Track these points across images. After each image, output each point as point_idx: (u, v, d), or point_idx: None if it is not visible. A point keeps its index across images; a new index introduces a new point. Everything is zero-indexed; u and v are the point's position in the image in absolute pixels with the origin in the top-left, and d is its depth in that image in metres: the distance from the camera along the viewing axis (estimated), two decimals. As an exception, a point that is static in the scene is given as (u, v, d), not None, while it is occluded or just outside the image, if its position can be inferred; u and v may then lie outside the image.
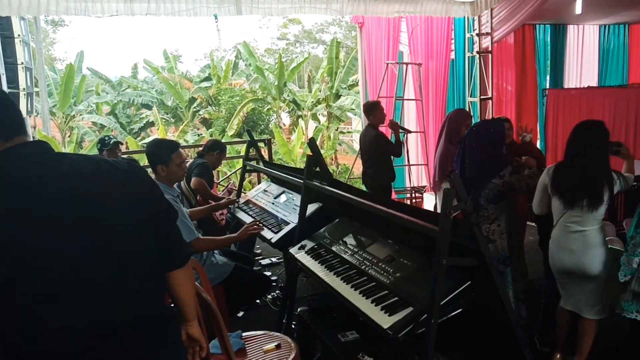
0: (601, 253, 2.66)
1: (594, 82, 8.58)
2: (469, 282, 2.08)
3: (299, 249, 2.95)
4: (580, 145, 2.68)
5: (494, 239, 2.96)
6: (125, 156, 5.52)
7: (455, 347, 2.42)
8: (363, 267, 2.48)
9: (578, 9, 6.30)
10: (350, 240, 2.80)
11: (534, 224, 3.98)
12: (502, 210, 2.97)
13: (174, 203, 3.00)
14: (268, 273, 4.67)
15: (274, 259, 5.08)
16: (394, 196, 7.09)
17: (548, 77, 8.38)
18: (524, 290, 3.21)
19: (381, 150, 4.90)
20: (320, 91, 14.94)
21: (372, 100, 5.90)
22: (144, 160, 5.26)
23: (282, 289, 4.08)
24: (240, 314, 3.82)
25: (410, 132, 6.03)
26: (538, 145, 7.45)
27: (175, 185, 3.34)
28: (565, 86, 8.34)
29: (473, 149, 3.00)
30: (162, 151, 2.99)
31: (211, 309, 2.13)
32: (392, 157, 5.12)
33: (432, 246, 1.97)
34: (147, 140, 14.14)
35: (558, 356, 2.91)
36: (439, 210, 2.71)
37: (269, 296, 4.05)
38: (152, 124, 15.76)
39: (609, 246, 2.78)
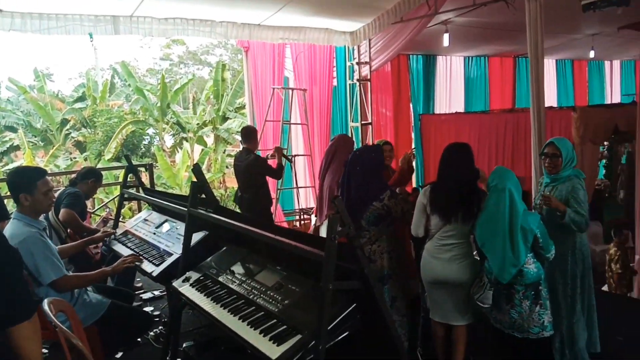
0: (470, 263, 2.90)
1: (461, 108, 9.44)
2: (354, 305, 2.12)
3: (183, 281, 2.80)
4: (452, 166, 2.92)
5: (375, 259, 3.10)
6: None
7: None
8: (251, 296, 2.42)
9: (445, 41, 6.92)
10: (238, 269, 2.72)
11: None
12: (383, 231, 3.11)
13: (38, 238, 2.71)
14: (150, 308, 4.39)
15: (156, 293, 4.79)
16: (282, 218, 7.12)
17: (421, 103, 9.04)
18: (408, 305, 3.35)
19: (259, 173, 4.89)
20: (205, 113, 14.65)
21: (250, 125, 5.99)
22: (5, 189, 4.71)
23: (165, 325, 3.85)
24: (119, 354, 3.52)
25: (291, 160, 6.10)
26: (414, 165, 7.95)
27: (42, 217, 3.02)
28: (437, 111, 9.07)
29: (356, 173, 3.10)
30: (26, 179, 2.73)
31: (83, 354, 1.93)
32: (267, 180, 5.10)
33: (318, 271, 1.98)
34: (12, 166, 12.77)
35: None
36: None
37: (151, 333, 3.80)
38: (17, 147, 14.26)
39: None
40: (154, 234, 3.67)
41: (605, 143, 8.69)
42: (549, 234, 2.74)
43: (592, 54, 9.43)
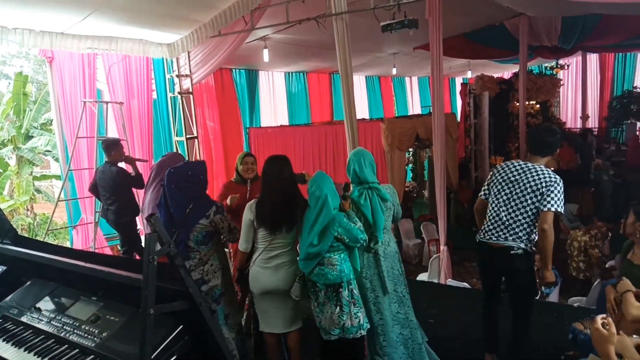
0: (295, 269, 3.01)
1: (285, 121, 9.81)
2: (182, 326, 2.04)
3: (-25, 327, 2.39)
4: (272, 179, 3.00)
5: (209, 279, 3.02)
6: None
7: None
8: (63, 333, 2.16)
9: (265, 57, 7.13)
10: (45, 305, 2.41)
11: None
12: (213, 249, 3.04)
13: None
14: None
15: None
16: (104, 243, 6.56)
17: (248, 116, 9.17)
18: (239, 321, 3.34)
19: (124, 184, 5.07)
20: (3, 131, 12.77)
21: (111, 137, 5.86)
22: None
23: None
24: None
25: (146, 160, 6.29)
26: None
27: None
28: (263, 124, 9.29)
29: (175, 192, 2.99)
30: None
31: None
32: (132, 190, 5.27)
33: (140, 296, 1.85)
34: None
35: None
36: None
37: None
38: None
39: None
40: None
41: (410, 149, 9.83)
42: None
43: (394, 71, 10.60)
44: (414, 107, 13.52)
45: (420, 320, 3.45)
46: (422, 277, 6.15)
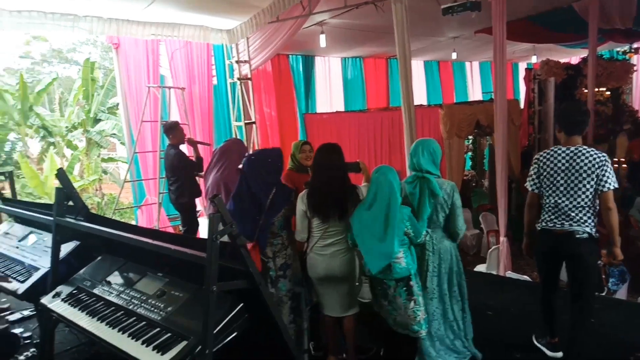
0: (351, 257, 3.02)
1: (341, 107, 9.78)
2: (242, 305, 2.11)
3: (54, 297, 2.58)
4: (325, 166, 3.01)
5: (291, 263, 3.05)
6: None
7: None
8: (131, 306, 2.30)
9: (322, 42, 7.12)
10: (115, 279, 2.56)
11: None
12: (290, 234, 3.10)
13: None
14: (18, 330, 3.96)
15: (25, 312, 4.33)
16: (166, 223, 6.83)
17: (304, 102, 9.22)
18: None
19: (181, 167, 5.17)
20: (73, 115, 13.50)
21: (171, 120, 5.96)
22: None
23: (37, 346, 3.51)
24: (-19, 386, 3.14)
25: (209, 144, 6.47)
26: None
27: None
28: (318, 110, 9.31)
29: (260, 178, 2.97)
30: None
31: None
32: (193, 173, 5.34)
33: (203, 274, 1.93)
34: None
35: (332, 359, 3.17)
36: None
37: (22, 357, 3.43)
38: None
39: None
40: (17, 247, 3.33)
41: (470, 137, 9.58)
42: None
43: (454, 56, 10.31)
44: (475, 93, 13.12)
45: (477, 312, 3.38)
46: (480, 268, 6.02)
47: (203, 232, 5.89)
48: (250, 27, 6.29)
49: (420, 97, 10.81)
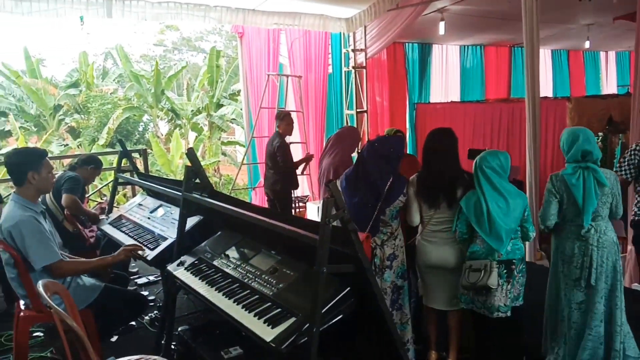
0: (460, 247, 2.92)
1: (456, 98, 9.43)
2: (349, 288, 2.14)
3: (178, 265, 2.81)
4: (434, 152, 2.93)
5: (398, 254, 3.02)
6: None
7: (338, 353, 2.47)
8: (246, 280, 2.43)
9: (441, 30, 6.90)
10: (232, 253, 2.73)
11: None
12: (400, 225, 3.07)
13: (32, 221, 2.70)
14: (145, 292, 4.39)
15: (151, 277, 4.80)
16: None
17: (417, 92, 9.03)
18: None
19: (277, 159, 5.22)
20: (198, 99, 14.55)
21: (283, 110, 6.21)
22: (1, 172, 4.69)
23: (160, 309, 3.86)
24: (114, 338, 3.53)
25: (304, 173, 6.51)
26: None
27: (39, 200, 3.01)
28: (432, 100, 9.06)
29: (380, 165, 2.95)
30: (32, 157, 2.79)
31: (78, 337, 1.94)
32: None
33: (313, 255, 1.99)
34: (4, 151, 12.65)
35: (433, 354, 3.11)
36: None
37: (147, 317, 3.81)
38: (9, 133, 14.13)
39: None
40: (149, 218, 3.67)
41: (600, 134, 8.74)
42: None
43: (587, 45, 9.43)
44: (609, 86, 11.91)
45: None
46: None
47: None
48: (369, 15, 6.28)
49: (546, 88, 10.07)
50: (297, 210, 7.23)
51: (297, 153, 7.37)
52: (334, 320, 2.08)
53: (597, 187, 2.76)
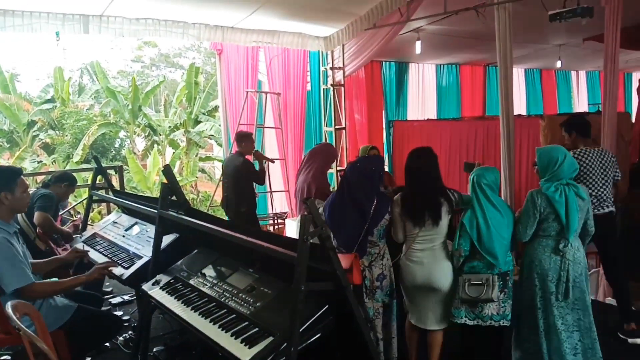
0: (447, 266, 2.93)
1: (433, 115, 9.56)
2: (327, 306, 2.13)
3: (153, 284, 2.76)
4: (416, 171, 2.97)
5: (386, 274, 3.03)
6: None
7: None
8: (223, 299, 2.41)
9: (418, 49, 7.02)
10: (209, 271, 2.70)
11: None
12: (387, 243, 3.08)
13: (4, 244, 2.62)
14: (119, 312, 4.29)
15: (126, 297, 4.69)
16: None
17: (394, 109, 9.13)
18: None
19: (245, 176, 5.05)
20: (175, 115, 14.47)
21: (245, 130, 6.02)
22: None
23: (135, 329, 3.78)
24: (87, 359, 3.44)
25: (273, 161, 6.17)
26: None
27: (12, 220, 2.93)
28: (409, 118, 9.17)
29: (364, 186, 2.97)
30: (5, 177, 2.72)
31: (49, 359, 1.88)
32: (254, 184, 5.22)
33: (292, 273, 1.97)
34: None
35: None
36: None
37: (121, 338, 3.71)
38: (-20, 149, 13.83)
39: None
40: (124, 236, 3.62)
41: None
42: None
43: (559, 64, 9.70)
44: (580, 104, 12.25)
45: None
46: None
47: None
48: (347, 34, 6.36)
49: (520, 106, 10.28)
50: (276, 227, 7.19)
51: (274, 169, 7.37)
52: (312, 339, 2.07)
53: (579, 201, 2.86)
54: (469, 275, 2.89)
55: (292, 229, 6.61)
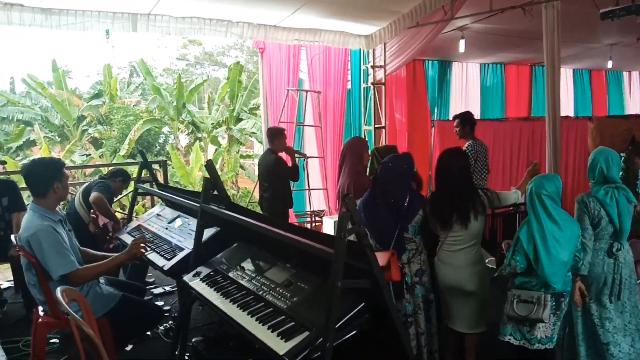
0: (478, 270, 2.88)
1: (476, 115, 9.33)
2: (363, 304, 2.13)
3: (194, 276, 2.83)
4: (445, 172, 2.94)
5: (425, 269, 3.01)
6: (2, 177, 5.05)
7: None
8: (260, 292, 2.44)
9: (461, 48, 6.90)
10: (248, 265, 2.74)
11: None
12: (424, 239, 3.06)
13: (50, 231, 2.75)
14: (160, 303, 4.42)
15: (167, 288, 4.83)
16: (293, 220, 7.13)
17: (436, 109, 8.99)
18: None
19: (279, 174, 4.98)
20: (217, 112, 14.73)
21: (277, 126, 5.98)
22: (21, 182, 4.81)
23: (175, 319, 3.88)
24: (129, 347, 3.56)
25: (307, 156, 6.17)
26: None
27: (58, 208, 3.07)
28: (451, 118, 9.00)
29: (397, 184, 2.96)
30: (57, 168, 2.90)
31: (94, 344, 1.96)
32: (290, 182, 5.23)
33: (328, 269, 1.99)
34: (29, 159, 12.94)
35: None
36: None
37: (161, 327, 3.83)
38: (33, 142, 14.47)
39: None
40: (167, 228, 3.72)
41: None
42: None
43: (610, 64, 9.32)
44: (633, 106, 11.73)
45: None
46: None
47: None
48: (389, 33, 6.31)
49: (567, 107, 9.96)
50: (314, 224, 7.23)
51: (313, 167, 7.41)
52: (347, 336, 2.07)
53: (629, 205, 2.79)
54: (519, 290, 2.68)
55: (329, 227, 6.63)
